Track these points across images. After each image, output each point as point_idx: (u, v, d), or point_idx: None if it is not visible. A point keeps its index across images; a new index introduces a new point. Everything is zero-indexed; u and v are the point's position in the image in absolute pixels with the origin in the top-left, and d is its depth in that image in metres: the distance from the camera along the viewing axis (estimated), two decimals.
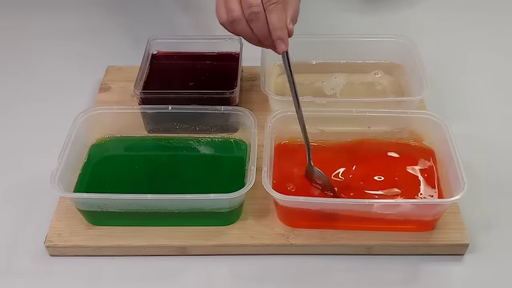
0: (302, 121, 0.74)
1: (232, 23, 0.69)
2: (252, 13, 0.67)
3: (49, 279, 0.72)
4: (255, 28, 0.68)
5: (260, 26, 0.68)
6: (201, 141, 0.85)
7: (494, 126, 0.91)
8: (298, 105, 0.73)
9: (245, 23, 0.69)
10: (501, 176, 0.83)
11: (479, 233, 0.75)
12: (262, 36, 0.69)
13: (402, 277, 0.72)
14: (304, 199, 0.70)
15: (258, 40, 0.70)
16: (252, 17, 0.67)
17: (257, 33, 0.69)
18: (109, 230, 0.74)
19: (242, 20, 0.68)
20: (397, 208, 0.72)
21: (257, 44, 0.71)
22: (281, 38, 0.68)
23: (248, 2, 0.67)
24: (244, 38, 0.71)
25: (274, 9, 0.67)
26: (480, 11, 1.18)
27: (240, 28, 0.69)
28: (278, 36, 0.68)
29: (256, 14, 0.67)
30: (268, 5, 0.67)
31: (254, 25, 0.68)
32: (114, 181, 0.80)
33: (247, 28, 0.69)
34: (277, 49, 0.69)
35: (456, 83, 0.99)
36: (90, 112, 0.82)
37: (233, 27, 0.70)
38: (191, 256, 0.74)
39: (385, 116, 0.82)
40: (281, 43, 0.68)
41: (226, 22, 0.70)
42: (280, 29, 0.68)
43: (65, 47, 1.09)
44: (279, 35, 0.68)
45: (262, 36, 0.69)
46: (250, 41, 0.71)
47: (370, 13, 1.18)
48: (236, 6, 0.68)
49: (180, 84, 0.90)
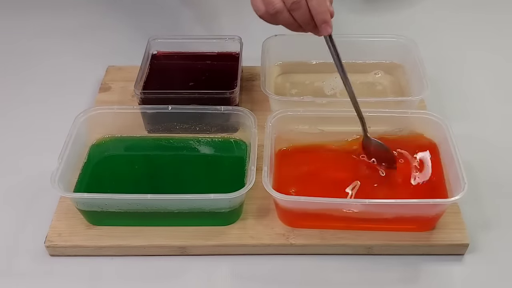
0: (353, 98, 0.76)
1: (274, 15, 0.71)
2: (294, 2, 0.69)
3: (49, 279, 0.72)
4: (298, 16, 0.70)
5: (303, 13, 0.70)
6: (201, 141, 0.85)
7: (494, 126, 0.91)
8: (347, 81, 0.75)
9: (287, 13, 0.71)
10: (501, 176, 0.83)
11: (479, 233, 0.75)
12: (304, 22, 0.71)
13: (402, 277, 0.72)
14: (304, 199, 0.70)
15: (298, 26, 0.72)
16: (294, 7, 0.69)
17: (299, 20, 0.71)
18: (109, 230, 0.74)
19: (284, 10, 0.70)
20: (397, 208, 0.72)
21: (297, 30, 0.73)
22: (325, 21, 0.71)
23: None
24: (284, 26, 0.73)
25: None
26: (480, 11, 1.18)
27: (282, 18, 0.71)
28: (322, 20, 0.70)
29: (298, 3, 0.69)
30: None
31: (296, 14, 0.70)
32: (114, 181, 0.80)
33: (289, 17, 0.71)
34: (322, 32, 0.71)
35: (456, 83, 0.99)
36: (90, 112, 0.82)
37: (274, 19, 0.72)
38: (191, 256, 0.74)
39: (385, 116, 0.81)
40: (326, 26, 0.71)
41: (266, 14, 0.72)
42: (324, 13, 0.70)
43: (65, 47, 1.09)
44: (323, 18, 0.70)
45: (304, 22, 0.71)
46: (290, 28, 0.73)
47: (370, 13, 1.18)
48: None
49: (180, 84, 0.90)
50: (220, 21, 1.15)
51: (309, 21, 0.71)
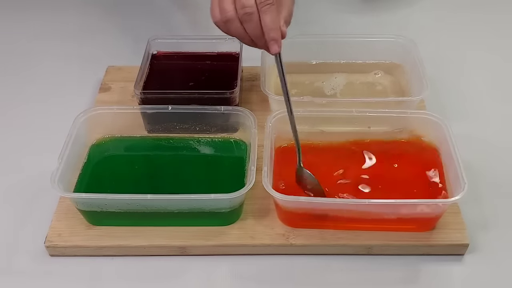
0: (293, 123, 0.74)
1: (226, 23, 0.70)
2: (246, 13, 0.67)
3: (49, 279, 0.72)
4: (248, 28, 0.69)
5: (254, 26, 0.68)
6: (201, 141, 0.85)
7: (494, 126, 0.91)
8: (289, 107, 0.73)
9: (238, 24, 0.69)
10: (501, 176, 0.83)
11: (479, 233, 0.75)
12: (255, 36, 0.69)
13: (402, 277, 0.72)
14: (304, 199, 0.70)
15: (251, 40, 0.70)
16: (245, 18, 0.68)
17: (250, 33, 0.69)
18: (109, 230, 0.74)
19: (236, 20, 0.69)
20: (397, 208, 0.72)
21: (250, 44, 0.71)
22: (274, 39, 0.68)
23: (242, 3, 0.67)
24: (237, 38, 0.71)
25: (268, 10, 0.67)
26: (479, 11, 1.18)
27: (234, 28, 0.70)
28: (271, 37, 0.68)
29: (249, 14, 0.67)
30: (262, 6, 0.67)
31: (247, 26, 0.69)
32: (114, 181, 0.80)
33: (241, 28, 0.69)
34: (270, 50, 0.69)
35: (456, 83, 0.99)
36: (90, 112, 0.82)
37: (226, 27, 0.70)
38: (191, 256, 0.74)
39: (385, 116, 0.82)
40: (274, 44, 0.69)
41: (220, 21, 0.70)
42: (274, 30, 0.68)
43: (65, 48, 1.09)
44: (272, 36, 0.68)
45: (255, 36, 0.69)
46: (243, 41, 0.72)
47: (370, 13, 1.18)
48: (230, 6, 0.68)
49: (180, 84, 0.90)
50: None
51: (261, 36, 0.69)
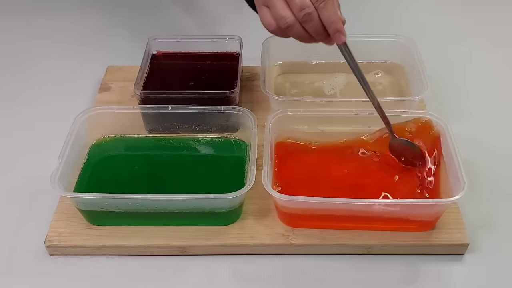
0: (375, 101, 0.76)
1: (286, 30, 0.70)
2: (306, 14, 0.68)
3: (49, 279, 0.72)
4: (310, 28, 0.69)
5: (315, 24, 0.69)
6: (201, 141, 0.85)
7: (494, 126, 0.91)
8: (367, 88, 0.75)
9: (299, 26, 0.70)
10: (501, 176, 0.83)
11: (479, 233, 0.75)
12: (317, 33, 0.70)
13: (402, 277, 0.72)
14: (304, 199, 0.70)
15: (310, 37, 0.71)
16: (306, 19, 0.68)
17: (312, 31, 0.70)
18: (109, 230, 0.74)
19: (296, 24, 0.69)
20: (397, 208, 0.72)
21: (309, 41, 0.72)
22: (338, 30, 0.69)
23: (299, 6, 0.68)
24: (296, 39, 0.72)
25: (325, 5, 0.68)
26: (480, 10, 1.18)
27: (295, 32, 0.70)
28: (336, 29, 0.69)
29: (309, 14, 0.68)
30: (319, 3, 0.67)
31: (308, 26, 0.69)
32: (114, 181, 0.80)
33: (301, 30, 0.70)
34: (336, 41, 0.70)
35: (456, 83, 0.99)
36: (90, 112, 0.82)
37: (285, 33, 0.71)
38: (191, 256, 0.74)
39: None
40: (340, 34, 0.70)
41: (278, 29, 0.71)
42: (336, 22, 0.69)
43: (65, 47, 1.09)
44: (336, 27, 0.69)
45: (317, 33, 0.70)
46: (302, 40, 0.72)
47: (370, 13, 1.18)
48: (287, 12, 0.69)
49: (180, 84, 0.90)
50: (220, 21, 1.15)
51: (322, 31, 0.70)
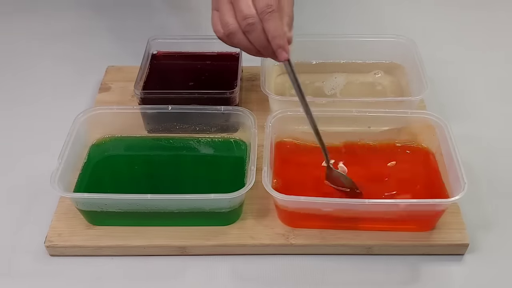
0: (314, 124, 0.73)
1: (229, 36, 0.68)
2: (248, 24, 0.66)
3: (49, 279, 0.72)
4: (253, 39, 0.67)
5: (258, 36, 0.67)
6: (201, 141, 0.85)
7: (494, 126, 0.91)
8: (307, 109, 0.71)
9: (242, 35, 0.68)
10: (501, 176, 0.83)
11: (479, 233, 0.75)
12: (261, 46, 0.68)
13: (402, 277, 0.72)
14: (304, 199, 0.70)
15: (257, 50, 0.69)
16: (248, 29, 0.66)
17: (255, 43, 0.68)
18: (109, 230, 0.74)
19: (239, 32, 0.67)
20: (397, 208, 0.72)
21: (256, 54, 0.70)
22: (281, 46, 0.67)
23: (243, 14, 0.66)
24: (243, 50, 0.70)
25: (270, 17, 0.65)
26: (480, 10, 1.18)
27: (237, 41, 0.68)
28: (278, 45, 0.67)
29: (252, 25, 0.66)
30: (264, 14, 0.65)
31: (251, 36, 0.67)
32: (114, 181, 0.80)
33: (245, 40, 0.68)
34: (278, 57, 0.68)
35: (456, 83, 0.99)
36: (90, 112, 0.82)
37: (230, 40, 0.69)
38: (191, 256, 0.74)
39: (385, 116, 0.81)
40: (282, 51, 0.67)
41: (223, 36, 0.69)
42: (279, 37, 0.66)
43: (65, 48, 1.09)
44: (278, 43, 0.67)
45: (261, 46, 0.68)
46: (249, 52, 0.70)
47: (370, 13, 1.18)
48: (231, 19, 0.67)
49: (180, 84, 0.90)
50: None
51: (266, 45, 0.67)
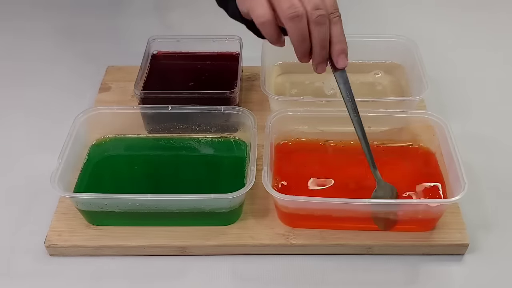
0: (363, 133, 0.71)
1: (293, 20, 0.62)
2: (320, 15, 0.62)
3: (49, 279, 0.72)
4: (318, 32, 0.63)
5: (324, 32, 0.63)
6: (201, 141, 0.85)
7: (494, 126, 0.91)
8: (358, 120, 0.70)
9: (305, 23, 0.62)
10: (501, 176, 0.83)
11: (479, 233, 0.75)
12: (321, 42, 0.63)
13: (402, 277, 0.72)
14: (304, 199, 0.70)
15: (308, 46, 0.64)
16: (319, 20, 0.62)
17: (317, 37, 0.63)
18: (109, 230, 0.74)
19: (304, 18, 0.62)
20: (397, 208, 0.72)
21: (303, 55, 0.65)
22: (344, 52, 0.65)
23: (315, 3, 0.61)
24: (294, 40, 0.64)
25: (338, 22, 0.63)
26: (480, 11, 1.18)
27: (300, 26, 0.62)
28: (342, 49, 0.64)
29: (323, 16, 0.62)
30: (333, 16, 0.62)
31: (318, 29, 0.62)
32: (114, 181, 0.80)
33: (305, 29, 0.63)
34: (339, 63, 0.65)
35: (456, 83, 0.99)
36: (90, 112, 0.82)
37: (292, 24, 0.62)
38: (191, 256, 0.74)
39: (385, 116, 0.82)
40: (344, 57, 0.65)
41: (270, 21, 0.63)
42: (344, 42, 0.64)
43: (65, 47, 1.09)
44: (343, 47, 0.64)
45: (321, 42, 0.63)
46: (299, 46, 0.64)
47: (370, 13, 1.18)
48: (298, 3, 0.62)
49: (180, 84, 0.90)
50: (220, 21, 1.15)
51: (325, 43, 0.63)
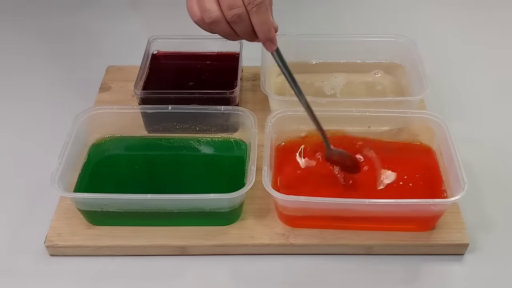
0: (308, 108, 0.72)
1: (211, 25, 0.65)
2: (235, 15, 0.63)
3: (49, 279, 0.72)
4: (239, 29, 0.65)
5: (245, 27, 0.65)
6: (201, 141, 0.85)
7: (494, 126, 0.91)
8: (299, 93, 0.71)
9: (225, 24, 0.65)
10: (501, 176, 0.83)
11: (479, 233, 0.75)
12: (246, 35, 0.66)
13: (402, 277, 0.72)
14: (305, 199, 0.70)
15: (237, 35, 0.67)
16: (235, 19, 0.64)
17: (240, 33, 0.66)
18: (109, 230, 0.74)
19: (222, 21, 0.65)
20: (397, 208, 0.72)
21: (235, 39, 0.67)
22: (270, 39, 0.65)
23: (228, 3, 0.63)
24: (223, 37, 0.67)
25: (257, 10, 0.63)
26: (480, 10, 1.18)
27: (220, 29, 0.66)
28: (266, 38, 0.65)
29: (239, 16, 0.63)
30: (251, 6, 0.63)
31: (237, 27, 0.65)
32: (114, 181, 0.80)
33: (228, 28, 0.65)
34: (267, 49, 0.66)
35: (456, 83, 0.99)
36: (90, 112, 0.82)
37: (211, 28, 0.66)
38: (191, 256, 0.74)
39: (385, 116, 0.82)
40: (271, 43, 0.66)
41: (201, 21, 0.66)
42: (268, 30, 0.65)
43: (65, 47, 1.09)
44: (267, 36, 0.65)
45: (246, 35, 0.66)
46: (228, 38, 0.67)
47: (370, 13, 1.18)
48: (213, 6, 0.64)
49: (180, 84, 0.90)
50: None
51: (251, 34, 0.65)
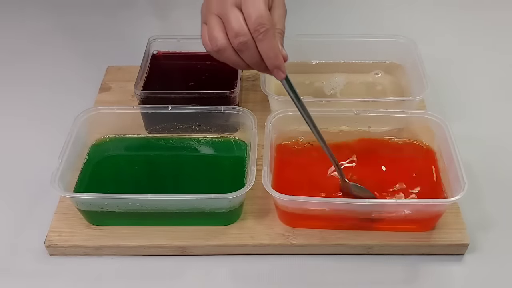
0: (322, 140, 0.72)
1: (218, 52, 0.65)
2: (240, 43, 0.63)
3: (49, 279, 0.72)
4: (246, 57, 0.64)
5: (251, 55, 0.64)
6: (201, 141, 0.85)
7: (494, 126, 0.91)
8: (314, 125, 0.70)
9: (232, 52, 0.64)
10: (501, 176, 0.83)
11: (479, 233, 0.75)
12: (254, 64, 0.65)
13: (402, 277, 0.72)
14: (305, 199, 0.70)
15: (246, 65, 0.66)
16: (241, 47, 0.63)
17: (247, 61, 0.65)
18: (109, 230, 0.74)
19: (229, 48, 0.64)
20: (398, 208, 0.72)
21: (247, 69, 0.67)
22: (277, 66, 0.64)
23: (234, 31, 0.62)
24: (231, 65, 0.67)
25: (264, 38, 0.62)
26: (480, 10, 1.18)
27: (227, 57, 0.65)
28: (274, 66, 0.64)
29: (244, 43, 0.62)
30: (257, 34, 0.62)
31: (244, 55, 0.64)
32: (114, 181, 0.80)
33: (235, 56, 0.65)
34: (276, 77, 0.66)
35: (456, 83, 0.99)
36: (90, 112, 0.82)
37: (218, 56, 0.66)
38: (191, 256, 0.74)
39: (385, 116, 0.81)
40: (278, 71, 0.65)
41: (212, 50, 0.66)
42: (275, 58, 0.64)
43: (65, 47, 1.09)
44: (274, 63, 0.64)
45: (254, 64, 0.65)
46: (239, 68, 0.67)
47: (370, 13, 1.18)
48: (220, 34, 0.64)
49: (180, 84, 0.90)
50: None
51: (260, 63, 0.64)
